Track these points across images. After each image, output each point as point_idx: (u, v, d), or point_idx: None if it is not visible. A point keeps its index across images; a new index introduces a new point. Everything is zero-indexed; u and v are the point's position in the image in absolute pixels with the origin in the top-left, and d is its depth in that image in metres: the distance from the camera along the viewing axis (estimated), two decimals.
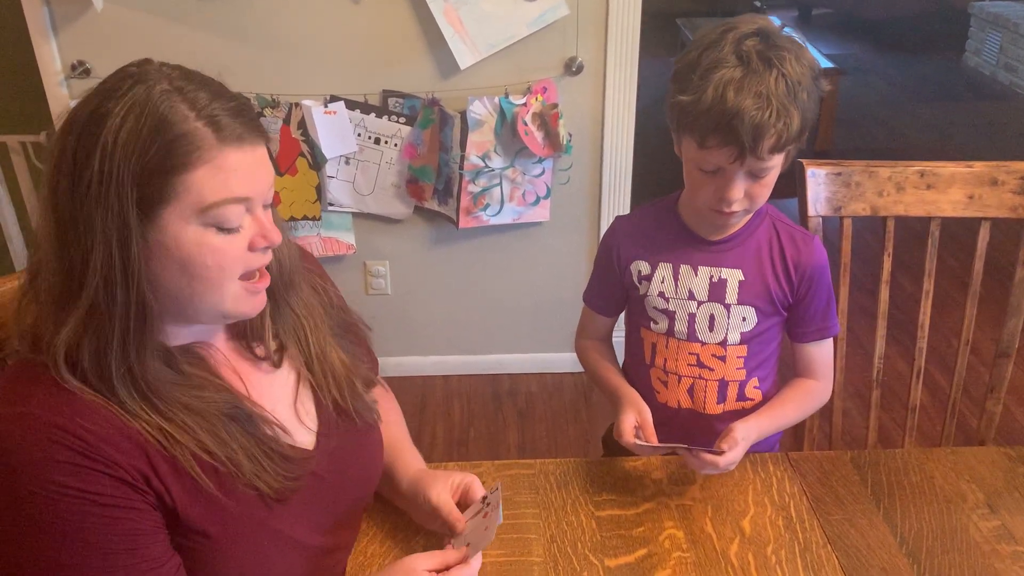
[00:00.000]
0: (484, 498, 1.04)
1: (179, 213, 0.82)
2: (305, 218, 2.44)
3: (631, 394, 1.25)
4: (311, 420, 1.02)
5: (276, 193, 2.43)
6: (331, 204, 2.44)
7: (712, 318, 1.26)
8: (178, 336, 0.92)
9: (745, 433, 1.16)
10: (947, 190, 1.42)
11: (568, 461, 1.26)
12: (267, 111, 2.29)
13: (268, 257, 0.92)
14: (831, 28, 6.51)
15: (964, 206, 1.42)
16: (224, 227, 0.85)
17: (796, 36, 1.15)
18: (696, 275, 1.25)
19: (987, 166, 1.41)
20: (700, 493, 1.19)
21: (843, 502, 1.18)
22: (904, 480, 1.23)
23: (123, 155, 0.79)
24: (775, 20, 1.19)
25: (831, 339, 1.31)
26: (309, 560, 0.98)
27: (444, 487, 1.06)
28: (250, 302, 0.91)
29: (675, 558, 1.09)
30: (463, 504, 1.06)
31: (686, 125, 1.14)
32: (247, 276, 0.90)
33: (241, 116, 0.85)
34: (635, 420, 1.20)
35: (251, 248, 0.88)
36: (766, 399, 1.31)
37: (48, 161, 0.84)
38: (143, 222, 0.81)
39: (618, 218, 1.35)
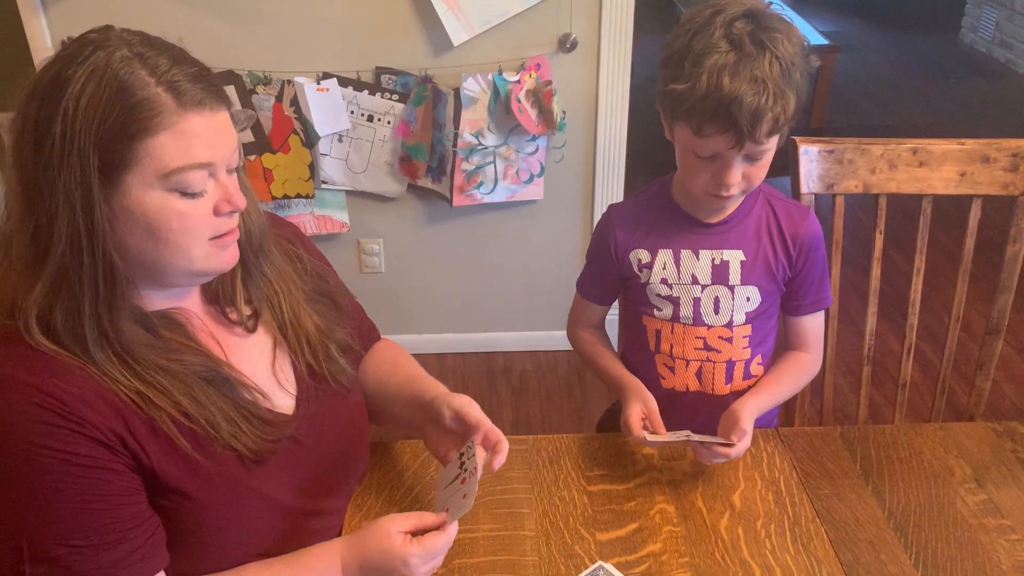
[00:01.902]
0: (460, 456, 1.01)
1: (142, 179, 0.83)
2: (298, 196, 2.43)
3: (635, 384, 1.24)
4: (290, 385, 1.04)
5: (268, 171, 2.43)
6: (324, 182, 2.43)
7: (717, 301, 1.26)
8: (154, 301, 0.93)
9: (750, 419, 1.16)
10: (939, 167, 1.42)
11: (560, 437, 1.27)
12: (259, 88, 2.28)
13: (234, 221, 0.92)
14: (827, 4, 6.48)
15: (956, 183, 1.43)
16: (187, 192, 0.85)
17: (782, 12, 1.14)
18: (698, 259, 1.25)
19: (979, 143, 1.41)
20: (691, 468, 1.21)
21: (832, 477, 1.20)
22: (893, 455, 1.24)
23: (84, 121, 0.80)
24: None
25: (823, 311, 1.32)
26: (291, 522, 1.00)
27: (469, 400, 1.06)
28: (220, 257, 0.92)
29: (666, 532, 1.10)
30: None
31: (681, 113, 1.12)
32: (214, 237, 0.90)
33: (201, 81, 0.85)
34: (642, 412, 1.19)
35: (216, 213, 0.89)
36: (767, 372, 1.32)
37: (12, 128, 0.84)
38: (106, 187, 0.82)
39: (611, 207, 1.34)
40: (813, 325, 1.32)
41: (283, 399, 1.02)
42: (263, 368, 1.02)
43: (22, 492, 0.81)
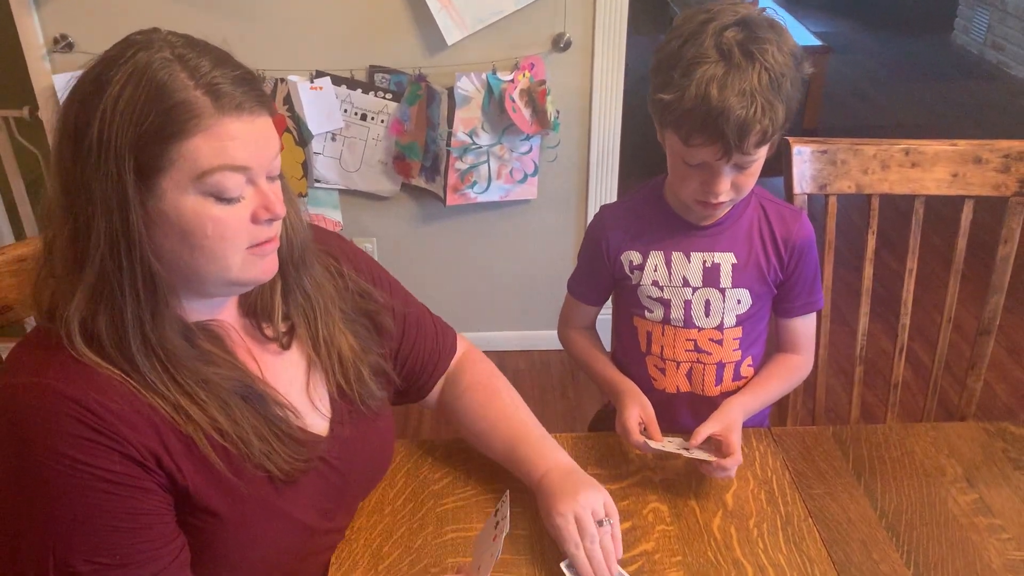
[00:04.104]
0: (496, 512, 1.02)
1: (176, 181, 0.82)
2: None
3: (631, 388, 1.24)
4: (324, 406, 1.02)
5: None
6: (317, 181, 2.43)
7: (708, 303, 1.26)
8: (193, 311, 0.91)
9: (738, 433, 1.16)
10: (931, 168, 1.43)
11: (554, 436, 1.26)
12: None
13: (274, 230, 0.90)
14: (820, 5, 6.50)
15: (948, 184, 1.43)
16: (223, 196, 0.84)
17: (776, 18, 1.13)
18: (689, 261, 1.25)
19: (971, 144, 1.42)
20: (684, 468, 1.21)
21: (825, 476, 1.20)
22: (885, 455, 1.24)
23: (121, 122, 0.79)
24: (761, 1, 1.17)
25: (815, 313, 1.33)
26: (307, 540, 0.99)
27: (571, 527, 1.01)
28: (259, 266, 0.90)
29: (659, 531, 1.10)
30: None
31: (669, 122, 1.12)
32: (252, 246, 0.88)
33: (243, 85, 0.83)
34: (639, 416, 1.18)
35: (254, 220, 0.87)
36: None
37: (55, 129, 0.84)
38: (141, 190, 0.81)
39: (604, 207, 1.34)
40: (804, 327, 1.32)
41: (317, 420, 1.01)
42: (298, 388, 1.00)
43: (52, 505, 0.80)
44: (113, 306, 0.82)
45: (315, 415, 1.01)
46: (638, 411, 1.19)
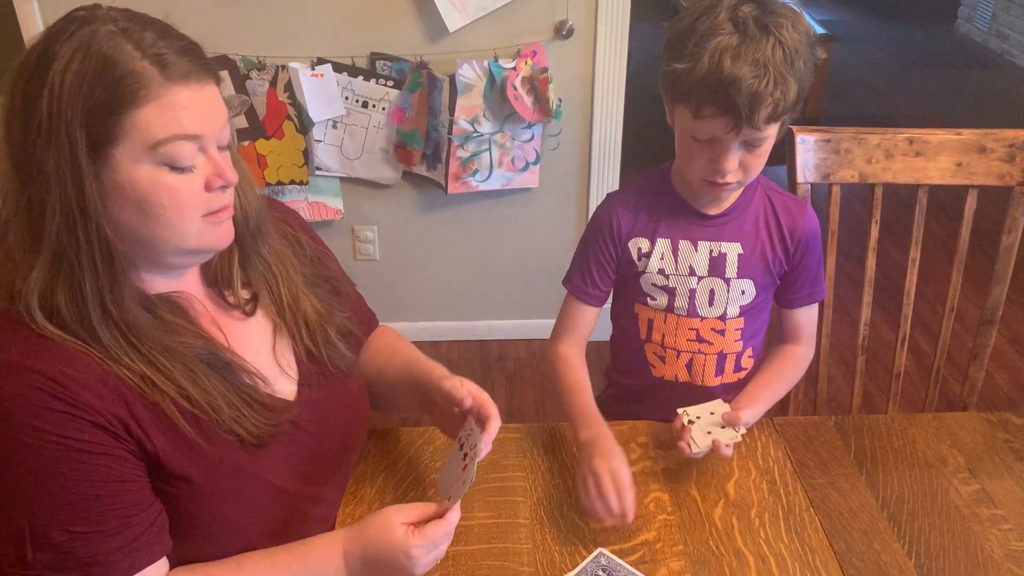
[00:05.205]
0: (461, 444, 1.01)
1: (130, 152, 0.83)
2: (292, 182, 2.42)
3: (614, 445, 1.12)
4: (292, 370, 1.03)
5: (262, 156, 2.41)
6: (319, 168, 2.42)
7: (712, 293, 1.25)
8: (155, 283, 0.92)
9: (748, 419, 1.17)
10: (935, 157, 1.42)
11: (555, 425, 1.27)
12: (253, 73, 2.26)
13: (228, 197, 0.91)
14: None
15: (952, 174, 1.43)
16: (176, 165, 0.85)
17: (792, 2, 1.13)
18: (696, 250, 1.25)
19: (975, 134, 1.41)
20: (685, 457, 1.20)
21: (826, 466, 1.20)
22: (887, 445, 1.24)
23: (70, 97, 0.80)
24: None
25: (817, 304, 1.32)
26: (291, 507, 1.00)
27: (456, 381, 1.06)
28: (215, 233, 0.91)
29: (660, 520, 1.10)
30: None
31: (681, 94, 1.12)
32: (208, 214, 0.90)
33: (188, 55, 0.85)
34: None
35: (207, 188, 0.88)
36: (757, 365, 1.32)
37: (3, 107, 0.84)
38: (95, 162, 0.82)
39: (610, 194, 1.32)
40: (807, 318, 1.32)
41: (285, 384, 1.02)
42: (264, 353, 1.01)
43: (24, 478, 0.81)
44: (72, 280, 0.83)
45: (283, 379, 1.02)
46: (619, 462, 1.08)
